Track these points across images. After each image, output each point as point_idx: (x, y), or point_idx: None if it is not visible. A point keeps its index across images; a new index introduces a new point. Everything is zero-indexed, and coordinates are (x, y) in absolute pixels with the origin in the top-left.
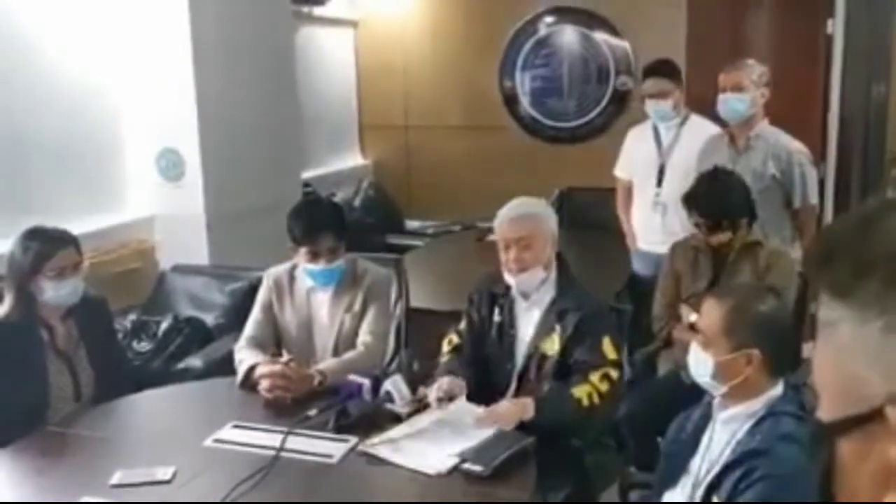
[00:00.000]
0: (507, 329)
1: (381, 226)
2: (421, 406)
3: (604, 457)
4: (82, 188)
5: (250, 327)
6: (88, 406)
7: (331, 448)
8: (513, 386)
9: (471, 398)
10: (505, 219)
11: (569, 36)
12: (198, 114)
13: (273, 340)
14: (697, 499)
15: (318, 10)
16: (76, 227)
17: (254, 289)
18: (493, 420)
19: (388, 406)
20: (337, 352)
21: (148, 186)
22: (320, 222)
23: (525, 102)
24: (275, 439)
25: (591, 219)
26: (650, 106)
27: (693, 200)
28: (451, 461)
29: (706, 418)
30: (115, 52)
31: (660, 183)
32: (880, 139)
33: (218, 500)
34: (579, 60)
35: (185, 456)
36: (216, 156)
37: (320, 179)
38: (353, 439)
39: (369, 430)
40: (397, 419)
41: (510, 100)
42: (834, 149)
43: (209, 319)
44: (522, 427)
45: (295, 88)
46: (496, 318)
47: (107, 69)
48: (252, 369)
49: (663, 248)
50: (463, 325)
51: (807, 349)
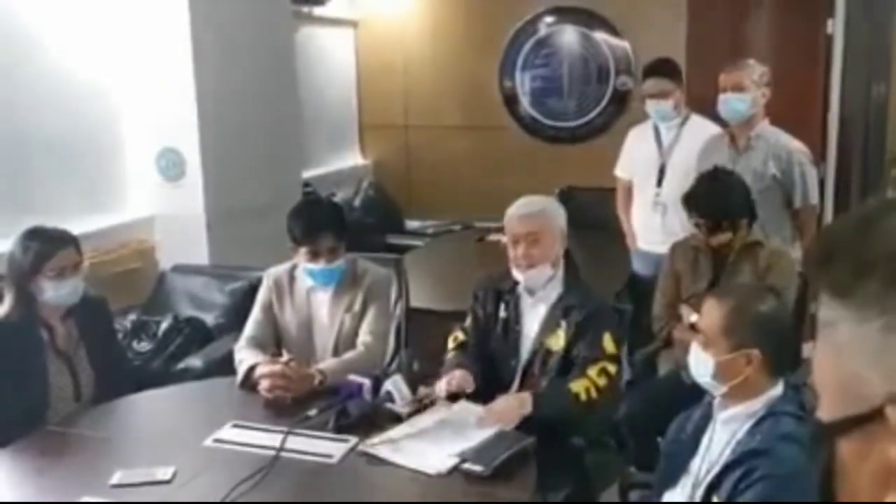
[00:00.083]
0: (513, 325)
1: (381, 226)
2: (421, 406)
3: (604, 457)
4: (82, 188)
5: (250, 327)
6: (88, 406)
7: (331, 448)
8: (516, 381)
9: (475, 393)
10: (514, 215)
11: (569, 36)
12: (198, 113)
13: (273, 340)
14: (697, 499)
15: (318, 10)
16: (76, 227)
17: (254, 289)
18: (495, 419)
19: (389, 406)
20: (337, 352)
21: (148, 186)
22: (320, 222)
23: (525, 102)
24: (275, 439)
25: (591, 219)
26: (651, 106)
27: (693, 201)
28: (452, 461)
29: (706, 418)
30: (116, 51)
31: (660, 183)
32: (880, 139)
33: (218, 500)
34: (579, 60)
35: (185, 456)
36: (216, 155)
37: (320, 179)
38: (354, 439)
39: (369, 430)
40: (397, 419)
41: (510, 100)
42: (834, 149)
43: (209, 319)
44: (523, 425)
45: (295, 88)
46: (502, 313)
47: (107, 69)
48: (252, 369)
49: (663, 248)
50: (468, 321)
51: (807, 349)
